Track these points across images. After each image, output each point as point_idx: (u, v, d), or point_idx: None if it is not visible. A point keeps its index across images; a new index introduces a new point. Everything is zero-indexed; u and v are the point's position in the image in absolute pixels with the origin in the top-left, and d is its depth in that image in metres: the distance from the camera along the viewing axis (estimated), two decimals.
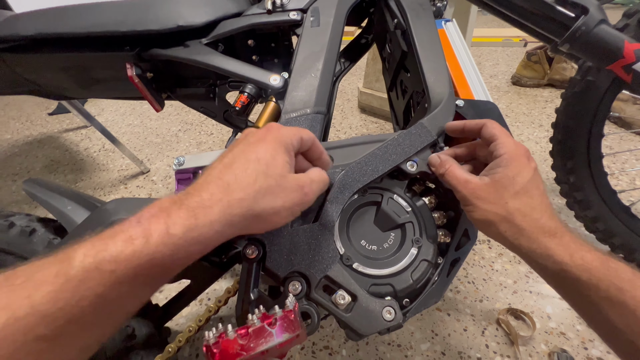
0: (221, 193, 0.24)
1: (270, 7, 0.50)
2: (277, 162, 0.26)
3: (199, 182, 0.25)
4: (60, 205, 0.43)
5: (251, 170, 0.25)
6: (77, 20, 0.49)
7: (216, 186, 0.24)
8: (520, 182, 0.32)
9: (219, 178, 0.24)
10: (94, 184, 1.17)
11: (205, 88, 0.64)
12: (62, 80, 0.63)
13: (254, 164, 0.25)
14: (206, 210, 0.23)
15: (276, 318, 0.23)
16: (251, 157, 0.25)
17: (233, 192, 0.24)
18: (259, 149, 0.26)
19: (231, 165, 0.25)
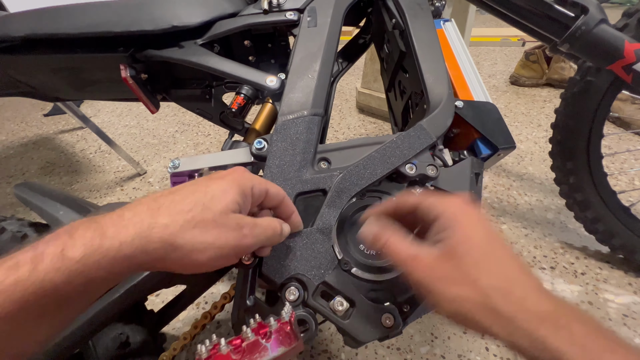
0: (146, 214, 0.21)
1: (266, 7, 0.50)
2: (223, 198, 0.23)
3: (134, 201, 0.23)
4: (52, 210, 0.42)
5: (191, 199, 0.23)
6: (70, 20, 0.48)
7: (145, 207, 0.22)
8: (479, 245, 0.24)
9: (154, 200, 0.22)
10: (90, 185, 1.16)
11: (201, 89, 0.63)
12: (55, 82, 0.62)
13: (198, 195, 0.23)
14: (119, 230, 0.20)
15: (271, 331, 0.22)
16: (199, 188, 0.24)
17: (159, 216, 0.21)
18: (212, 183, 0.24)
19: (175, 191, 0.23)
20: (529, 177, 1.02)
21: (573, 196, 0.73)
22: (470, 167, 0.42)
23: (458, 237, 0.24)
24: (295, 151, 0.39)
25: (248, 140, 0.55)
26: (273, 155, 0.39)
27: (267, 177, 0.38)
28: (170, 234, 0.21)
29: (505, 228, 0.86)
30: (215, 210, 0.23)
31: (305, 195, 0.38)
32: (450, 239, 0.24)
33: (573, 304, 0.23)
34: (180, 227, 0.21)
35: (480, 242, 0.24)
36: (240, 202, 0.25)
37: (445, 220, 0.25)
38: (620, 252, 0.73)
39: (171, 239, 0.21)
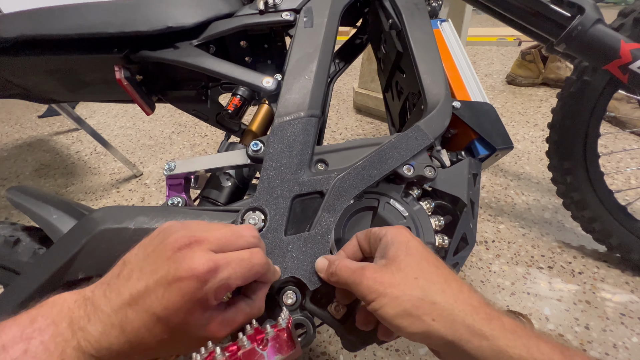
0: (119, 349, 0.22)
1: (262, 7, 0.49)
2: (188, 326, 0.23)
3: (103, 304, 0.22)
4: (45, 213, 0.41)
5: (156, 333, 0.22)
6: (64, 21, 0.48)
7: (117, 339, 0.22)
8: (417, 252, 0.27)
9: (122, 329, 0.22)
10: (86, 188, 1.15)
11: (197, 90, 0.62)
12: (49, 84, 0.61)
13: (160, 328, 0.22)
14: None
15: (267, 339, 0.22)
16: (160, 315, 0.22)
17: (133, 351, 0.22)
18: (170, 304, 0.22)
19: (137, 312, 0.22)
20: (526, 177, 1.02)
21: (570, 196, 0.73)
22: (468, 168, 0.42)
23: (398, 249, 0.27)
24: (292, 153, 0.38)
25: (244, 142, 0.54)
26: (270, 157, 0.38)
27: (263, 179, 0.37)
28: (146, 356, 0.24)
29: (502, 228, 0.87)
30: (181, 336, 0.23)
31: (303, 198, 0.37)
32: (391, 251, 0.27)
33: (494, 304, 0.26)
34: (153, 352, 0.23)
35: (417, 251, 0.27)
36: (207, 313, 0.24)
37: (387, 239, 0.29)
38: (617, 251, 0.73)
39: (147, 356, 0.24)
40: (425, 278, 0.25)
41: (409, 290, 0.25)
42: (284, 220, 0.36)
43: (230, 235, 0.25)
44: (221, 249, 0.24)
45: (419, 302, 0.24)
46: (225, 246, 0.25)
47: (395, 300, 0.24)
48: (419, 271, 0.26)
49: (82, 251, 0.35)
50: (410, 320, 0.24)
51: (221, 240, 0.25)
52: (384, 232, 0.29)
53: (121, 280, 0.23)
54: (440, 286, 0.25)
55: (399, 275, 0.26)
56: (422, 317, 0.24)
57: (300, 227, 0.36)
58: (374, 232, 0.30)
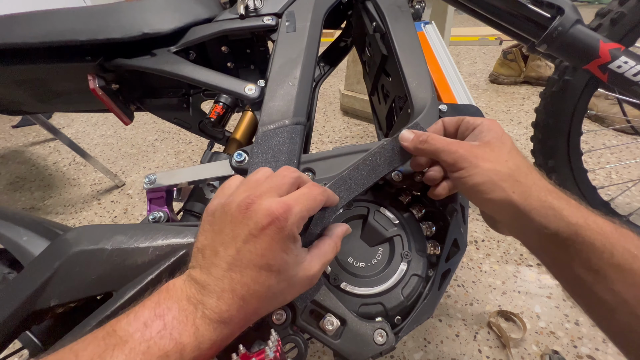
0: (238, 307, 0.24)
1: (242, 12, 0.48)
2: (288, 265, 0.25)
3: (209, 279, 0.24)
4: (14, 235, 0.38)
5: (263, 280, 0.24)
6: (30, 29, 0.45)
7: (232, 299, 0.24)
8: (509, 142, 0.31)
9: (232, 289, 0.24)
10: (64, 200, 1.10)
11: (178, 98, 0.60)
12: (18, 95, 0.58)
13: (265, 274, 0.24)
14: (227, 325, 0.23)
15: None
16: (261, 263, 0.24)
17: (249, 305, 0.24)
18: (266, 251, 0.24)
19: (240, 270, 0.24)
20: None
21: None
22: None
23: (492, 137, 0.31)
24: (277, 163, 0.37)
25: (229, 151, 0.53)
26: (254, 168, 0.37)
27: None
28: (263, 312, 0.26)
29: None
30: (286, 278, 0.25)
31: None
32: (487, 136, 0.31)
33: None
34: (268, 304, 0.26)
35: (510, 142, 0.31)
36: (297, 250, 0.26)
37: (483, 127, 0.33)
38: None
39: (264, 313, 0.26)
40: (514, 162, 0.29)
41: (499, 166, 0.29)
42: None
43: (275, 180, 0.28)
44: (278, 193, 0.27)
45: (506, 177, 0.29)
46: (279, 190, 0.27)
47: (486, 171, 0.29)
48: (509, 156, 0.30)
49: (54, 276, 0.33)
50: (494, 188, 0.28)
51: (273, 187, 0.27)
52: (480, 122, 0.33)
53: (209, 259, 0.25)
54: (524, 170, 0.29)
55: (492, 154, 0.30)
56: (505, 189, 0.28)
57: None
58: (467, 120, 0.34)
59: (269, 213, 0.24)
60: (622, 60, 0.49)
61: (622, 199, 0.89)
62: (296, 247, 0.26)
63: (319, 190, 0.28)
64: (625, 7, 0.58)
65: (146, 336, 0.21)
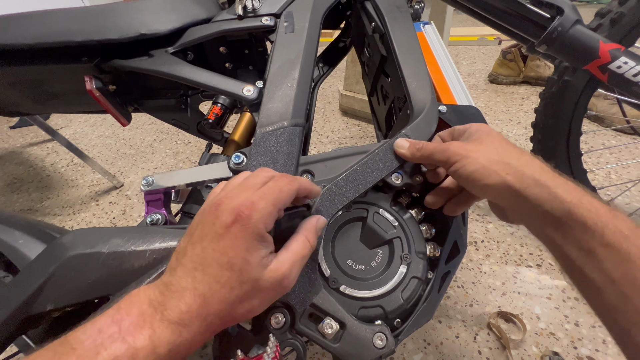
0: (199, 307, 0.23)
1: (241, 12, 0.47)
2: (251, 265, 0.24)
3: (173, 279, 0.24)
4: (10, 238, 0.38)
5: (225, 280, 0.24)
6: (26, 29, 0.44)
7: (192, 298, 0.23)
8: (498, 138, 0.32)
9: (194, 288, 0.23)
10: (63, 202, 1.09)
11: (176, 99, 0.60)
12: (14, 96, 0.57)
13: (228, 272, 0.24)
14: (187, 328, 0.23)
15: None
16: (223, 262, 0.24)
17: (210, 306, 0.23)
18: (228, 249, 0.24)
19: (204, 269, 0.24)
20: None
21: None
22: None
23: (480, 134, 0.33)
24: (276, 165, 0.37)
25: (227, 153, 0.52)
26: (252, 170, 0.36)
27: None
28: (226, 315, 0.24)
29: (491, 227, 0.87)
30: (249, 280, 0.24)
31: (289, 212, 0.35)
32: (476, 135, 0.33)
33: None
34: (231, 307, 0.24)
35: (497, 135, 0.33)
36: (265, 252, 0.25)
37: (471, 129, 0.34)
38: None
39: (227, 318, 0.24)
40: (503, 148, 0.31)
41: (489, 153, 0.30)
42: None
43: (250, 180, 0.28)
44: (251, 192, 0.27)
45: (497, 160, 0.30)
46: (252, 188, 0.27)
47: (476, 159, 0.30)
48: (498, 144, 0.31)
49: (50, 280, 0.32)
50: (487, 173, 0.29)
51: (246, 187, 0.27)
52: (468, 126, 0.35)
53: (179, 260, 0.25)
54: (515, 154, 0.30)
55: (482, 147, 0.31)
56: (498, 172, 0.29)
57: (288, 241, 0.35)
58: (457, 128, 0.36)
59: (233, 211, 0.24)
60: (622, 61, 0.49)
61: (621, 199, 0.89)
62: (263, 247, 0.25)
63: (285, 180, 0.28)
64: (625, 7, 0.58)
65: (97, 342, 0.21)
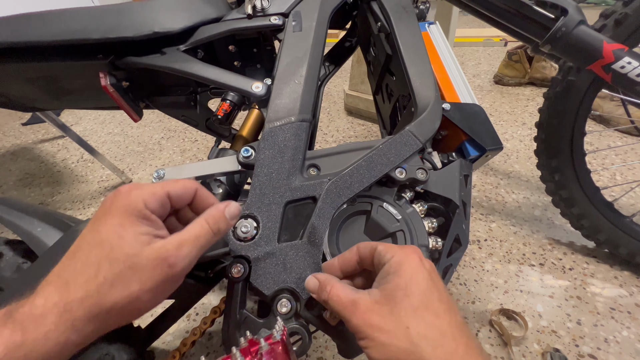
0: (58, 295, 0.20)
1: (250, 11, 0.49)
2: (124, 240, 0.22)
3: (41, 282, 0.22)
4: (29, 226, 0.40)
5: (93, 259, 0.21)
6: (45, 27, 0.46)
7: (54, 287, 0.21)
8: (417, 293, 0.24)
9: (58, 275, 0.21)
10: (73, 197, 1.12)
11: (186, 96, 0.61)
12: (31, 92, 0.59)
13: (96, 250, 0.21)
14: (37, 322, 0.19)
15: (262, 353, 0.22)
16: (94, 241, 0.22)
17: (71, 292, 0.20)
18: (102, 227, 0.22)
19: (74, 254, 0.22)
20: (516, 175, 1.04)
21: (559, 193, 0.74)
22: (459, 170, 0.42)
23: (398, 282, 0.25)
24: (283, 159, 0.38)
25: (235, 148, 0.54)
26: (261, 163, 0.38)
27: (255, 186, 0.37)
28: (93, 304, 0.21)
29: (494, 226, 0.88)
30: (122, 258, 0.21)
31: (295, 204, 0.37)
32: (391, 283, 0.25)
33: None
34: (97, 293, 0.21)
35: (419, 291, 0.24)
36: (146, 229, 0.23)
37: (391, 265, 0.26)
38: (606, 246, 0.74)
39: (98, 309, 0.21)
40: (418, 330, 0.23)
41: (397, 340, 0.23)
42: (277, 227, 0.35)
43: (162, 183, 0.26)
44: None
45: (405, 355, 0.23)
46: None
47: (382, 347, 0.23)
48: (412, 318, 0.24)
49: None
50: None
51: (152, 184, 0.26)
52: (390, 256, 0.27)
53: None
54: (432, 342, 0.23)
55: (390, 320, 0.24)
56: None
57: (294, 233, 0.36)
58: (379, 252, 0.28)
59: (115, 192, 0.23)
60: (626, 61, 0.50)
61: (625, 199, 0.89)
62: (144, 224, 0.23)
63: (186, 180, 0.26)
64: (630, 8, 0.58)
65: None
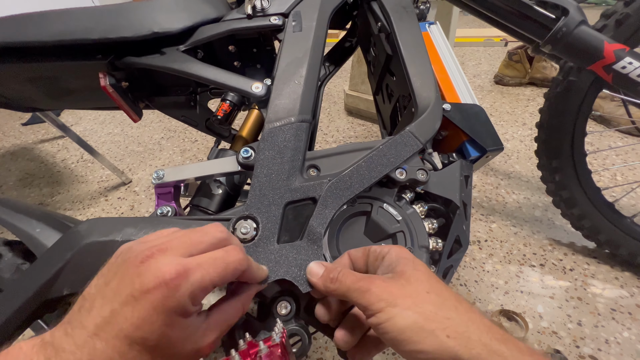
0: None
1: (250, 11, 0.49)
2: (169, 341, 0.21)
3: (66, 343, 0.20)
4: (28, 227, 0.40)
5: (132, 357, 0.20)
6: (44, 27, 0.46)
7: None
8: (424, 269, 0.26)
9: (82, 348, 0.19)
10: (72, 197, 1.12)
11: (186, 96, 0.61)
12: (31, 92, 0.59)
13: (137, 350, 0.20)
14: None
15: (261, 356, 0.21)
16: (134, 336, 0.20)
17: None
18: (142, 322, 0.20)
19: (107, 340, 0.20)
20: (516, 176, 1.04)
21: (559, 194, 0.74)
22: (460, 170, 0.42)
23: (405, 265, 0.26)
24: (283, 159, 0.38)
25: (235, 148, 0.54)
26: (260, 164, 0.37)
27: (255, 186, 0.37)
28: None
29: (494, 227, 0.87)
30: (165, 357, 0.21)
31: (295, 204, 0.37)
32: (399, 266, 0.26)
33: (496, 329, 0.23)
34: None
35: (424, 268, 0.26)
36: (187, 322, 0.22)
37: (392, 256, 0.27)
38: (606, 247, 0.74)
39: None
40: (437, 292, 0.24)
41: (422, 302, 0.23)
42: (277, 228, 0.35)
43: (194, 235, 0.24)
44: (189, 252, 0.23)
45: (433, 315, 0.22)
46: (192, 248, 0.23)
47: (407, 311, 0.22)
48: (429, 286, 0.24)
49: (67, 266, 0.34)
50: (423, 334, 0.22)
51: (186, 243, 0.23)
52: (387, 250, 0.28)
53: (83, 313, 0.21)
54: (453, 302, 0.23)
55: (410, 288, 0.24)
56: (436, 332, 0.22)
57: (294, 234, 0.36)
58: (374, 250, 0.29)
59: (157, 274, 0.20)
60: (627, 61, 0.50)
61: (626, 200, 0.89)
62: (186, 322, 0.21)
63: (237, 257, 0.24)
64: (631, 9, 0.58)
65: None
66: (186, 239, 0.23)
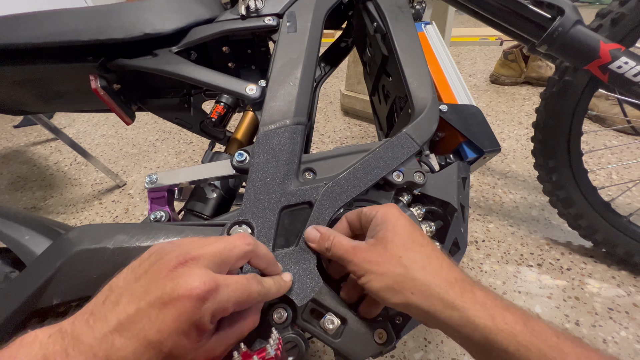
0: None
1: (244, 12, 0.48)
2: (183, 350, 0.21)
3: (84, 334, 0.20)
4: (16, 234, 0.39)
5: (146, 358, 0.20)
6: (33, 29, 0.45)
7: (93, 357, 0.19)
8: (403, 232, 0.29)
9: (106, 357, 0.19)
10: (66, 200, 1.10)
11: (179, 98, 0.60)
12: (20, 95, 0.58)
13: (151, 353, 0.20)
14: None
15: None
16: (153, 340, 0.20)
17: None
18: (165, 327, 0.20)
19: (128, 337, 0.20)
20: (513, 175, 1.04)
21: (556, 193, 0.74)
22: (457, 172, 0.42)
23: (386, 227, 0.30)
24: (278, 163, 0.37)
25: (230, 151, 0.53)
26: (255, 168, 0.37)
27: (250, 191, 0.36)
28: None
29: (492, 227, 0.87)
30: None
31: (291, 209, 0.36)
32: (381, 231, 0.30)
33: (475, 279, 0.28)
34: None
35: (404, 230, 0.30)
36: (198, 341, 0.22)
37: (377, 219, 0.31)
38: (603, 246, 0.74)
39: None
40: (408, 256, 0.28)
41: (392, 267, 0.28)
42: (272, 233, 0.34)
43: (224, 248, 0.25)
44: (218, 265, 0.24)
45: (401, 278, 0.27)
46: (222, 260, 0.24)
47: (380, 276, 0.28)
48: (402, 250, 0.29)
49: (56, 275, 0.33)
50: (393, 293, 0.27)
51: (216, 254, 0.24)
52: (374, 213, 0.31)
53: (107, 306, 0.21)
54: (421, 263, 0.28)
55: (385, 255, 0.29)
56: (403, 291, 0.27)
57: (289, 239, 0.35)
58: (364, 213, 0.32)
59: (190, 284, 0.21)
60: (623, 61, 0.49)
61: (622, 199, 0.89)
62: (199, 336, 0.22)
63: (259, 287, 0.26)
64: (626, 8, 0.58)
65: None
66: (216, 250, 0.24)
